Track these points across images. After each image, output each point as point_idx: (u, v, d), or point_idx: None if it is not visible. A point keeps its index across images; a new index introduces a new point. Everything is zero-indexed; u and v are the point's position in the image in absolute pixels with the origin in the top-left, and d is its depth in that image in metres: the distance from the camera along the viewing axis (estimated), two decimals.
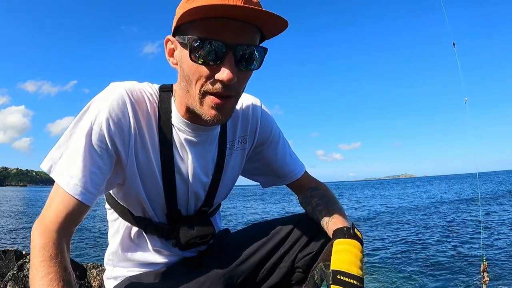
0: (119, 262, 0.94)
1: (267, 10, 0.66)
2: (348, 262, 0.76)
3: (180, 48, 0.74)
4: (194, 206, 0.92)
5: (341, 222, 0.87)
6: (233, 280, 0.94)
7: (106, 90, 0.78)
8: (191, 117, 0.82)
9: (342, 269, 0.75)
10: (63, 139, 0.75)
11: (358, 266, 0.77)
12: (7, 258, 2.52)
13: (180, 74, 0.76)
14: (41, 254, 0.66)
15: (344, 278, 0.74)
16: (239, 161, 0.98)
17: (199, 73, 0.70)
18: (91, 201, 0.73)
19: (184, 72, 0.73)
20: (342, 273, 0.75)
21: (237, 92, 0.75)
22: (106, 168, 0.75)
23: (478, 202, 16.17)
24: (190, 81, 0.72)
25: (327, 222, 0.90)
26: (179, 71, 0.77)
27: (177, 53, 0.76)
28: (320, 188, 1.03)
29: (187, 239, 0.89)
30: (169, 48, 0.78)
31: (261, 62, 0.74)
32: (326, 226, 0.90)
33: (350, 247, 0.79)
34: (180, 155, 0.85)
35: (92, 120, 0.74)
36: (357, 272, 0.76)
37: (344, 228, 0.83)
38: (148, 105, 0.82)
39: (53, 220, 0.70)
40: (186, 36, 0.69)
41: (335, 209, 0.92)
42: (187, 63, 0.71)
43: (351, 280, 0.74)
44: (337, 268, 0.76)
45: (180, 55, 0.74)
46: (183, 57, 0.72)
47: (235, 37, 0.68)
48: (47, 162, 0.74)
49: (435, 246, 7.72)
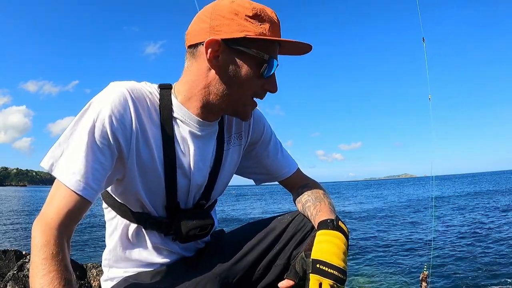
0: (116, 262, 0.94)
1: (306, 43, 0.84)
2: (329, 253, 0.77)
3: (233, 55, 0.81)
4: (193, 199, 0.93)
5: (326, 215, 0.88)
6: (229, 279, 0.95)
7: (107, 89, 0.80)
8: (201, 113, 0.87)
9: (322, 259, 0.76)
10: (63, 137, 0.75)
11: (339, 257, 0.77)
12: (7, 258, 2.52)
13: (221, 76, 0.82)
14: (42, 252, 0.66)
15: (324, 268, 0.75)
16: (236, 157, 1.01)
17: (255, 82, 0.83)
18: (93, 197, 0.74)
19: (235, 77, 0.82)
20: (322, 262, 0.76)
21: None
22: (108, 164, 0.77)
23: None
24: (241, 86, 0.83)
25: (314, 216, 0.91)
26: (220, 74, 0.82)
27: (225, 58, 0.81)
28: (310, 185, 1.05)
29: (187, 230, 0.90)
30: (214, 51, 0.80)
31: None
32: (313, 221, 0.91)
33: (332, 238, 0.80)
34: (182, 149, 0.87)
35: (94, 117, 0.75)
36: (338, 263, 0.76)
37: (328, 220, 0.84)
38: (149, 101, 0.84)
39: (55, 216, 0.70)
40: (252, 49, 0.80)
41: (322, 204, 0.94)
42: (246, 71, 0.81)
43: (331, 270, 0.74)
44: (317, 258, 0.77)
45: (233, 62, 0.81)
46: (240, 65, 0.81)
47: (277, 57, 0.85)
48: (48, 160, 0.74)
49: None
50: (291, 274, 0.82)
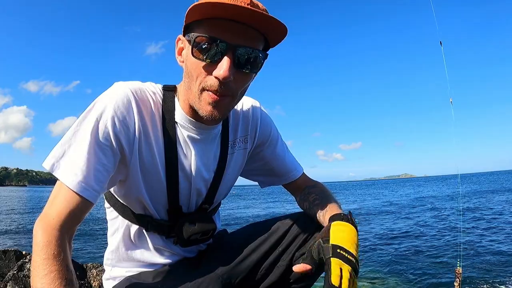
0: (118, 262, 0.94)
1: (269, 15, 0.69)
2: (347, 240, 0.78)
3: (187, 46, 0.77)
4: (195, 203, 0.93)
5: (338, 211, 0.90)
6: (231, 280, 0.94)
7: (110, 89, 0.79)
8: (195, 115, 0.84)
9: (342, 245, 0.76)
10: (66, 137, 0.75)
11: (354, 247, 0.77)
12: (7, 258, 2.52)
13: (184, 71, 0.79)
14: (44, 251, 0.66)
15: (344, 254, 0.75)
16: (241, 161, 1.00)
17: (199, 69, 0.73)
18: (95, 198, 0.73)
19: (188, 68, 0.76)
20: (342, 248, 0.76)
21: (233, 92, 0.76)
22: (110, 166, 0.76)
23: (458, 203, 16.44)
24: (192, 77, 0.75)
25: (323, 213, 0.91)
26: (184, 68, 0.79)
27: (185, 51, 0.79)
28: (317, 186, 1.05)
29: (189, 235, 0.90)
30: (179, 47, 0.80)
31: (260, 67, 0.77)
32: (322, 218, 0.91)
33: (348, 229, 0.81)
34: (184, 152, 0.86)
35: (97, 118, 0.74)
36: (354, 252, 0.76)
37: (342, 214, 0.86)
38: (152, 104, 0.83)
39: (56, 217, 0.69)
40: (195, 33, 0.72)
41: (331, 202, 0.95)
42: (190, 59, 0.74)
43: (350, 257, 0.74)
44: (337, 243, 0.77)
45: (186, 52, 0.77)
46: (188, 54, 0.75)
47: (236, 38, 0.71)
48: (50, 160, 0.74)
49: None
50: (307, 259, 0.81)
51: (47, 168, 0.74)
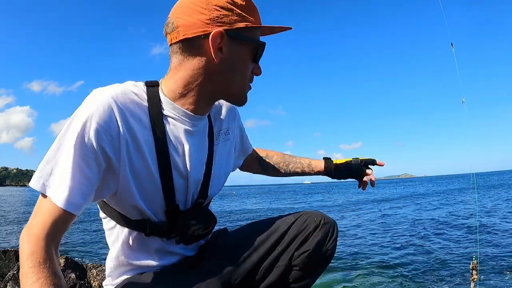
0: (119, 269, 0.93)
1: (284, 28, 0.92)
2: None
3: (234, 44, 0.82)
4: (191, 199, 0.92)
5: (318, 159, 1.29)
6: (231, 280, 0.94)
7: (89, 98, 0.77)
8: (196, 107, 0.86)
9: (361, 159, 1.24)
10: (51, 153, 0.74)
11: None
12: (7, 258, 2.52)
13: (225, 68, 0.83)
14: (30, 260, 0.66)
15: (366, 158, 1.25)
16: (227, 152, 1.01)
17: (249, 68, 0.87)
18: (79, 210, 0.73)
19: (237, 66, 0.84)
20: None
21: None
22: (94, 177, 0.75)
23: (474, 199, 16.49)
24: (242, 73, 0.85)
25: (310, 160, 1.26)
26: (224, 64, 0.82)
27: (227, 48, 0.81)
28: (273, 151, 1.29)
29: (192, 231, 0.89)
30: (219, 42, 0.80)
31: None
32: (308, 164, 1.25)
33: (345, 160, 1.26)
34: (175, 149, 0.85)
35: (78, 130, 0.72)
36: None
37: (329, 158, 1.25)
38: (136, 104, 0.81)
39: (40, 228, 0.69)
40: (249, 37, 0.83)
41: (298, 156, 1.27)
42: (244, 58, 0.85)
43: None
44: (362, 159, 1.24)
45: (235, 51, 0.82)
46: (240, 52, 0.83)
47: None
48: (39, 180, 0.73)
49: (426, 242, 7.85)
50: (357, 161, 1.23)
51: (37, 189, 0.73)
